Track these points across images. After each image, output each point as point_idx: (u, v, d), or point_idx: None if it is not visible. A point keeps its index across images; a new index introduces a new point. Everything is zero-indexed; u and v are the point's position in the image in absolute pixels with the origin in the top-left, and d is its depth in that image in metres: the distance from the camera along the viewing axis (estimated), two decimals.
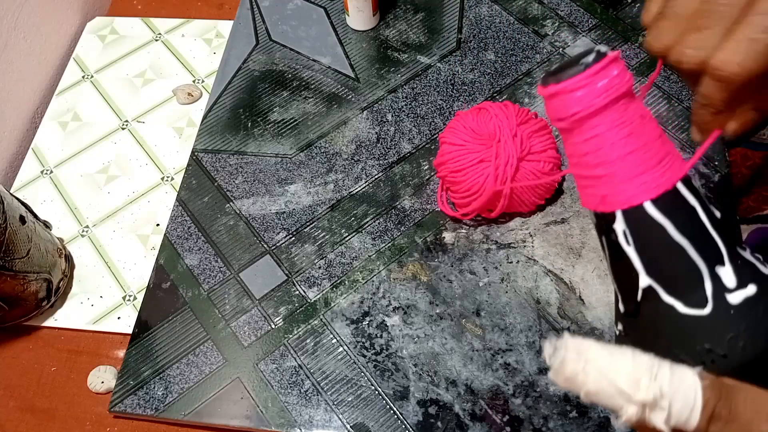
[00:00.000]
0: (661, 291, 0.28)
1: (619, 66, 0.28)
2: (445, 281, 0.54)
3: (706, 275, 0.27)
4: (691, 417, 0.23)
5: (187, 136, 0.65)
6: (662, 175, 0.28)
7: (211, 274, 0.56)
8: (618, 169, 0.28)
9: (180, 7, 0.76)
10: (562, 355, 0.25)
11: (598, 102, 0.27)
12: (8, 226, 0.49)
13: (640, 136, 0.28)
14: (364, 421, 0.49)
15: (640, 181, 0.28)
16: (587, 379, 0.24)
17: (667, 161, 0.28)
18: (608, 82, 0.28)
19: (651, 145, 0.28)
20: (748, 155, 0.71)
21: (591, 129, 0.28)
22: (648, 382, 0.23)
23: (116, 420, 0.52)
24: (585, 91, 0.28)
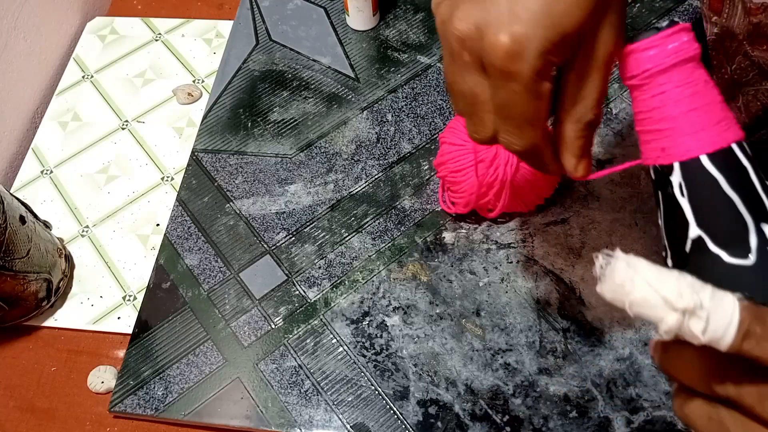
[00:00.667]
0: (709, 241, 0.30)
1: (689, 35, 0.31)
2: (445, 281, 0.54)
3: (752, 229, 0.30)
4: (728, 332, 0.25)
5: (187, 136, 0.65)
6: (719, 134, 0.30)
7: (211, 274, 0.56)
8: (680, 124, 0.31)
9: (180, 7, 0.76)
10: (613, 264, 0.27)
11: (668, 61, 0.31)
12: (8, 226, 0.49)
13: (702, 97, 0.31)
14: (364, 421, 0.49)
15: (699, 136, 0.30)
16: (634, 287, 0.26)
17: (725, 123, 0.31)
18: (678, 45, 0.31)
19: (711, 106, 0.31)
20: None
21: (660, 86, 0.31)
22: (691, 294, 0.25)
23: (116, 420, 0.52)
24: (657, 50, 0.31)
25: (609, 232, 0.55)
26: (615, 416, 0.47)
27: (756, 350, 0.25)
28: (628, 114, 0.61)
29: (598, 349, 0.50)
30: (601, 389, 0.48)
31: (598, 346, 0.50)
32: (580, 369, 0.49)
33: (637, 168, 0.58)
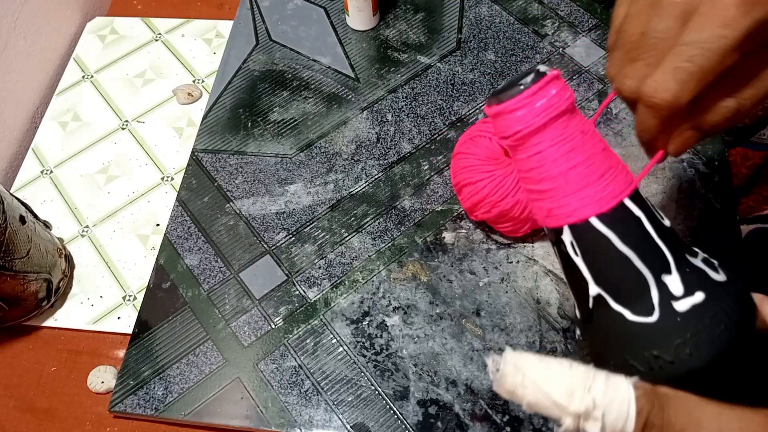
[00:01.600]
0: (609, 299, 0.29)
1: (558, 85, 0.29)
2: (445, 281, 0.54)
3: (653, 284, 0.28)
4: (626, 426, 0.24)
5: (187, 136, 0.65)
6: (605, 189, 0.29)
7: (211, 274, 0.56)
8: (561, 184, 0.29)
9: (180, 7, 0.76)
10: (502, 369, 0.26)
11: (538, 121, 0.29)
12: (8, 226, 0.49)
13: (581, 151, 0.29)
14: (364, 421, 0.49)
15: (583, 194, 0.29)
16: (526, 392, 0.25)
17: (609, 174, 0.29)
18: (547, 102, 0.29)
19: (593, 159, 0.29)
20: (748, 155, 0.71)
21: (533, 146, 0.29)
22: (582, 395, 0.24)
23: (116, 420, 0.52)
24: (525, 111, 0.29)
25: None
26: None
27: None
28: (629, 114, 0.61)
29: None
30: None
31: None
32: None
33: (637, 168, 0.58)
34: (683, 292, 0.28)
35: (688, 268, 0.29)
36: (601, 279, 0.29)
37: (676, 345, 0.27)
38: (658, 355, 0.27)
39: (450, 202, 0.57)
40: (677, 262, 0.29)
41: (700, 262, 0.29)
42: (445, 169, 0.59)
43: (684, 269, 0.29)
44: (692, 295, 0.28)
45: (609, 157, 0.30)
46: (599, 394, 0.24)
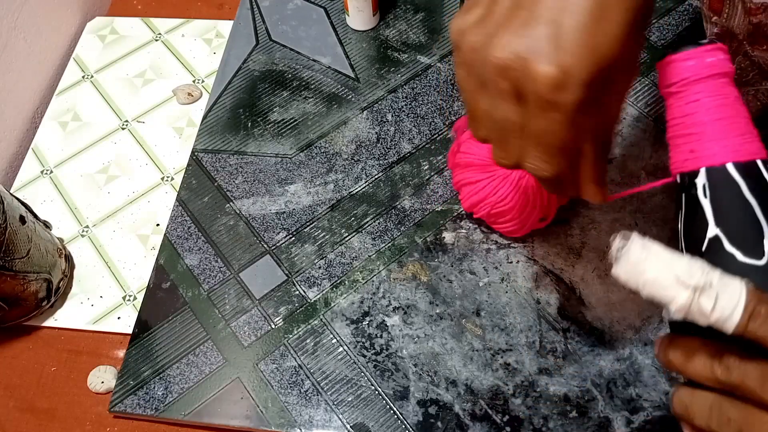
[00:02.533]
0: (725, 240, 0.32)
1: (726, 55, 0.34)
2: (445, 281, 0.54)
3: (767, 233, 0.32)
4: (735, 311, 0.27)
5: (187, 136, 0.65)
6: (743, 144, 0.33)
7: (211, 274, 0.56)
8: (709, 129, 0.33)
9: (180, 7, 0.76)
10: (628, 246, 0.29)
11: (705, 72, 0.34)
12: (8, 226, 0.49)
13: (731, 109, 0.33)
14: (364, 421, 0.49)
15: (725, 143, 0.33)
16: (648, 267, 0.28)
17: (749, 136, 0.34)
18: (715, 60, 0.34)
19: (738, 119, 0.33)
20: None
21: (695, 94, 0.34)
22: (702, 274, 0.27)
23: (116, 420, 0.52)
24: (695, 62, 0.34)
25: (609, 232, 0.55)
26: (615, 416, 0.47)
27: (761, 331, 0.27)
28: (629, 114, 0.61)
29: (598, 349, 0.50)
30: (601, 389, 0.48)
31: (598, 346, 0.50)
32: (580, 369, 0.49)
33: (637, 168, 0.58)
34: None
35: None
36: (722, 221, 0.33)
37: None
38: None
39: (450, 202, 0.57)
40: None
41: None
42: (445, 169, 0.59)
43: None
44: None
45: (750, 125, 0.34)
46: (716, 278, 0.27)
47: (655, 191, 0.57)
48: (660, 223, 0.55)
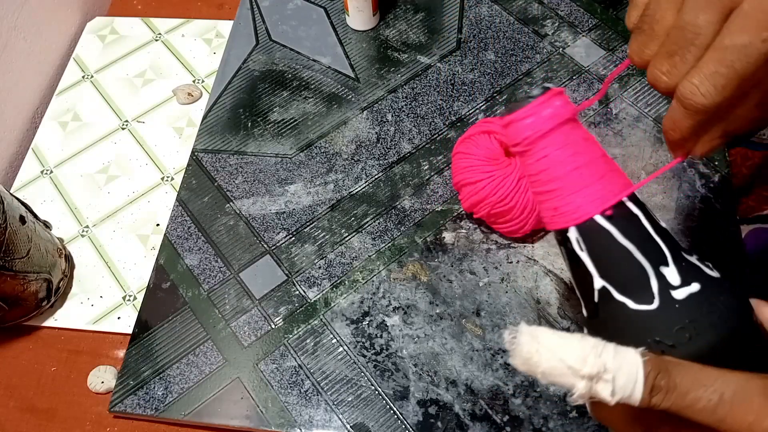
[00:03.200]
0: (613, 290, 0.32)
1: (562, 98, 0.33)
2: (445, 281, 0.54)
3: (652, 274, 0.31)
4: (635, 389, 0.26)
5: (187, 136, 0.65)
6: (605, 188, 0.32)
7: (211, 274, 0.56)
8: (566, 183, 0.32)
9: (180, 7, 0.76)
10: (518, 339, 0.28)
11: (546, 126, 0.32)
12: (8, 226, 0.49)
13: (584, 155, 0.32)
14: (364, 421, 0.49)
15: (586, 193, 0.32)
16: (540, 359, 0.27)
17: (609, 177, 0.32)
18: (552, 111, 0.33)
19: (594, 162, 0.32)
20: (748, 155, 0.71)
21: (541, 150, 0.33)
22: (594, 359, 0.26)
23: (116, 420, 0.52)
24: (534, 118, 0.33)
25: None
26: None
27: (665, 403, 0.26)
28: (629, 114, 0.61)
29: None
30: None
31: None
32: None
33: (637, 168, 0.58)
34: (680, 282, 0.30)
35: (684, 263, 0.31)
36: (605, 272, 0.32)
37: (676, 330, 0.29)
38: (660, 340, 0.30)
39: (450, 202, 0.57)
40: (674, 256, 0.31)
41: (695, 259, 0.32)
42: (445, 169, 0.59)
43: (680, 263, 0.31)
44: (689, 285, 0.30)
45: (608, 162, 0.33)
46: (610, 358, 0.26)
47: (655, 192, 0.57)
48: None
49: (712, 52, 0.29)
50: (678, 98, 0.30)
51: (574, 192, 0.32)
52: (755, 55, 0.28)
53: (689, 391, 0.26)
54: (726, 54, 0.28)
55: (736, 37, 0.28)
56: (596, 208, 0.32)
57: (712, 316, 0.29)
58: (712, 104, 0.30)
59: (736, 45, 0.28)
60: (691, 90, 0.30)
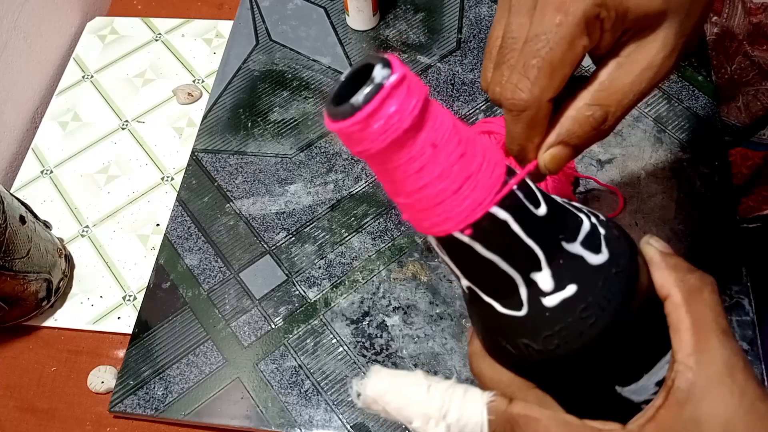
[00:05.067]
0: (480, 292, 0.29)
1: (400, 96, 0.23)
2: (445, 281, 0.54)
3: (521, 282, 0.27)
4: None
5: (187, 136, 0.65)
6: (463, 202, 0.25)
7: (211, 274, 0.56)
8: (414, 202, 0.26)
9: (180, 7, 0.76)
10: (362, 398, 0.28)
11: (375, 146, 0.24)
12: (8, 226, 0.49)
13: (432, 168, 0.25)
14: (364, 421, 0.49)
15: (439, 210, 0.26)
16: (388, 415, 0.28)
17: (468, 185, 0.25)
18: (384, 123, 0.23)
19: (447, 173, 0.25)
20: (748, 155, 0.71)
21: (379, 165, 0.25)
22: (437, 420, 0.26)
23: (116, 420, 0.52)
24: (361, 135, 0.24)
25: None
26: None
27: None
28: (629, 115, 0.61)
29: None
30: None
31: None
32: None
33: (638, 168, 0.58)
34: (553, 287, 0.27)
35: (563, 259, 0.27)
36: (470, 276, 0.29)
37: (544, 337, 0.27)
38: (527, 344, 0.28)
39: None
40: (549, 257, 0.27)
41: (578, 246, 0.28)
42: None
43: (557, 262, 0.27)
44: (563, 290, 0.27)
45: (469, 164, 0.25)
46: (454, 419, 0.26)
47: (655, 192, 0.57)
48: (659, 223, 0.55)
49: (524, 47, 0.29)
50: (504, 103, 0.30)
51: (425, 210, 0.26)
52: (555, 39, 0.28)
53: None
54: (532, 45, 0.29)
55: (536, 27, 0.29)
56: (453, 226, 0.26)
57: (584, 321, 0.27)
58: (531, 98, 0.29)
59: (537, 33, 0.29)
60: (511, 89, 0.30)
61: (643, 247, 0.29)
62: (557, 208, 0.28)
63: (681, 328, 0.26)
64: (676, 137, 0.59)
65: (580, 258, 0.28)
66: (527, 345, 0.28)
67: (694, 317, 0.26)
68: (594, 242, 0.28)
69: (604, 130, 0.31)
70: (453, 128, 0.25)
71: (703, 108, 0.61)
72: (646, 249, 0.29)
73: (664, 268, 0.28)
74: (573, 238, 0.28)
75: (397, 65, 0.23)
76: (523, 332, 0.28)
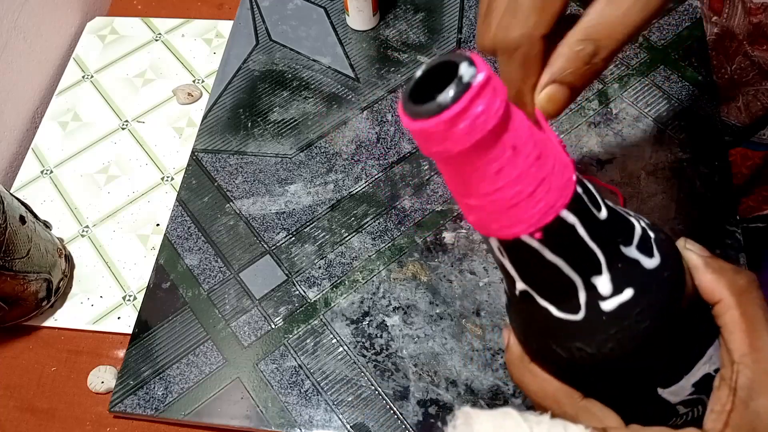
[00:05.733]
0: (536, 296, 0.28)
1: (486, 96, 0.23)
2: (445, 281, 0.54)
3: (581, 286, 0.27)
4: None
5: (187, 136, 0.65)
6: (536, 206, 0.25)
7: (211, 274, 0.56)
8: (488, 204, 0.25)
9: (180, 7, 0.76)
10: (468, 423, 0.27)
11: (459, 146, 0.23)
12: (8, 226, 0.49)
13: (510, 170, 0.24)
14: (364, 421, 0.49)
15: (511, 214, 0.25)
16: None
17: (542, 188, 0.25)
18: (470, 124, 0.23)
19: (524, 176, 0.25)
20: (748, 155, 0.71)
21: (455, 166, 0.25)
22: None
23: (116, 420, 0.52)
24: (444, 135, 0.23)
25: None
26: None
27: None
28: (629, 114, 0.61)
29: None
30: None
31: None
32: None
33: (638, 168, 0.58)
34: (612, 291, 0.27)
35: (621, 263, 0.27)
36: (528, 279, 0.28)
37: (599, 340, 0.27)
38: (581, 347, 0.28)
39: (450, 202, 0.57)
40: (609, 261, 0.27)
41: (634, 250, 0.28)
42: None
43: (616, 266, 0.27)
44: (621, 293, 0.27)
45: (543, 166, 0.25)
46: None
47: (655, 191, 0.57)
48: (659, 223, 0.55)
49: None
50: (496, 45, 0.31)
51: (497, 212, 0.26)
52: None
53: None
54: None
55: None
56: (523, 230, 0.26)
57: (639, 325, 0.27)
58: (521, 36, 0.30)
59: None
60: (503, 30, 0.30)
61: (684, 253, 0.30)
62: (614, 212, 0.28)
63: (736, 329, 0.27)
64: (676, 137, 0.59)
65: (636, 262, 0.28)
66: (580, 348, 0.28)
67: (747, 318, 0.27)
68: (647, 246, 0.28)
69: (597, 65, 0.30)
70: (530, 130, 0.25)
71: (703, 108, 0.61)
72: (687, 254, 0.29)
73: (711, 272, 0.29)
74: (629, 242, 0.28)
75: (482, 64, 0.23)
76: (577, 336, 0.28)
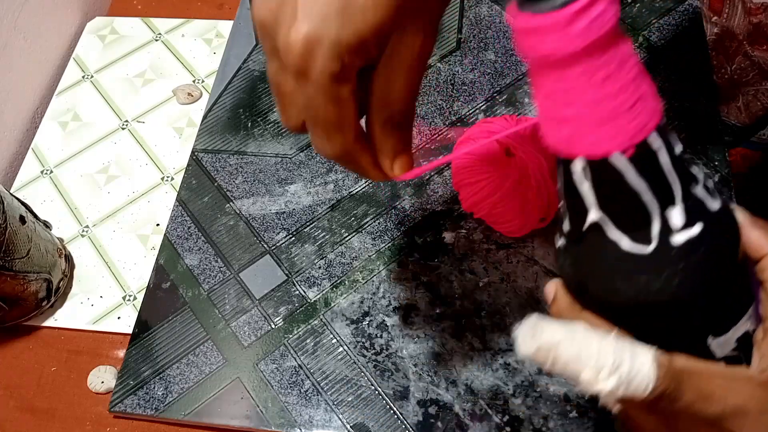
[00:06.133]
0: (608, 226, 0.28)
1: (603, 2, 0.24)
2: (445, 281, 0.54)
3: (656, 216, 0.27)
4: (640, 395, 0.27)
5: (187, 136, 0.65)
6: (631, 122, 0.26)
7: (211, 274, 0.56)
8: (586, 114, 0.26)
9: (180, 7, 0.76)
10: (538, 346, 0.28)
11: (573, 48, 0.24)
12: (8, 226, 0.49)
13: (615, 81, 0.25)
14: (364, 421, 0.49)
15: (608, 127, 0.26)
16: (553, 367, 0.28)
17: (638, 107, 0.26)
18: (587, 25, 0.23)
19: (624, 90, 0.25)
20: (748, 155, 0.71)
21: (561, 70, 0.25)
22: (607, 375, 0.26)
23: (116, 420, 0.52)
24: (558, 34, 0.24)
25: None
26: None
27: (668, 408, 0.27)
28: None
29: None
30: None
31: None
32: None
33: None
34: (683, 224, 0.27)
35: (690, 200, 0.28)
36: (605, 206, 0.28)
37: (667, 274, 0.28)
38: (649, 280, 0.28)
39: (450, 202, 0.57)
40: (683, 194, 0.28)
41: (701, 189, 0.29)
42: (445, 169, 0.59)
43: (687, 200, 0.28)
44: (691, 228, 0.27)
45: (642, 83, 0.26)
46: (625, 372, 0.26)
47: None
48: None
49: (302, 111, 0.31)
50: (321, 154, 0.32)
51: (594, 124, 0.26)
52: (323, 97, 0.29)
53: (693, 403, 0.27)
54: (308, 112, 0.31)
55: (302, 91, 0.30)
56: (617, 145, 0.26)
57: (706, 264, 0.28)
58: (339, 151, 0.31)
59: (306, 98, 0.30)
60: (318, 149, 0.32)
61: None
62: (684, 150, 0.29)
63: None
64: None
65: (702, 202, 0.28)
66: (648, 282, 0.28)
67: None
68: (710, 190, 0.29)
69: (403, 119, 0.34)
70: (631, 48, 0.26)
71: (703, 108, 0.61)
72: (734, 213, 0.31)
73: (759, 228, 0.30)
74: (697, 182, 0.29)
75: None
76: (645, 269, 0.28)
